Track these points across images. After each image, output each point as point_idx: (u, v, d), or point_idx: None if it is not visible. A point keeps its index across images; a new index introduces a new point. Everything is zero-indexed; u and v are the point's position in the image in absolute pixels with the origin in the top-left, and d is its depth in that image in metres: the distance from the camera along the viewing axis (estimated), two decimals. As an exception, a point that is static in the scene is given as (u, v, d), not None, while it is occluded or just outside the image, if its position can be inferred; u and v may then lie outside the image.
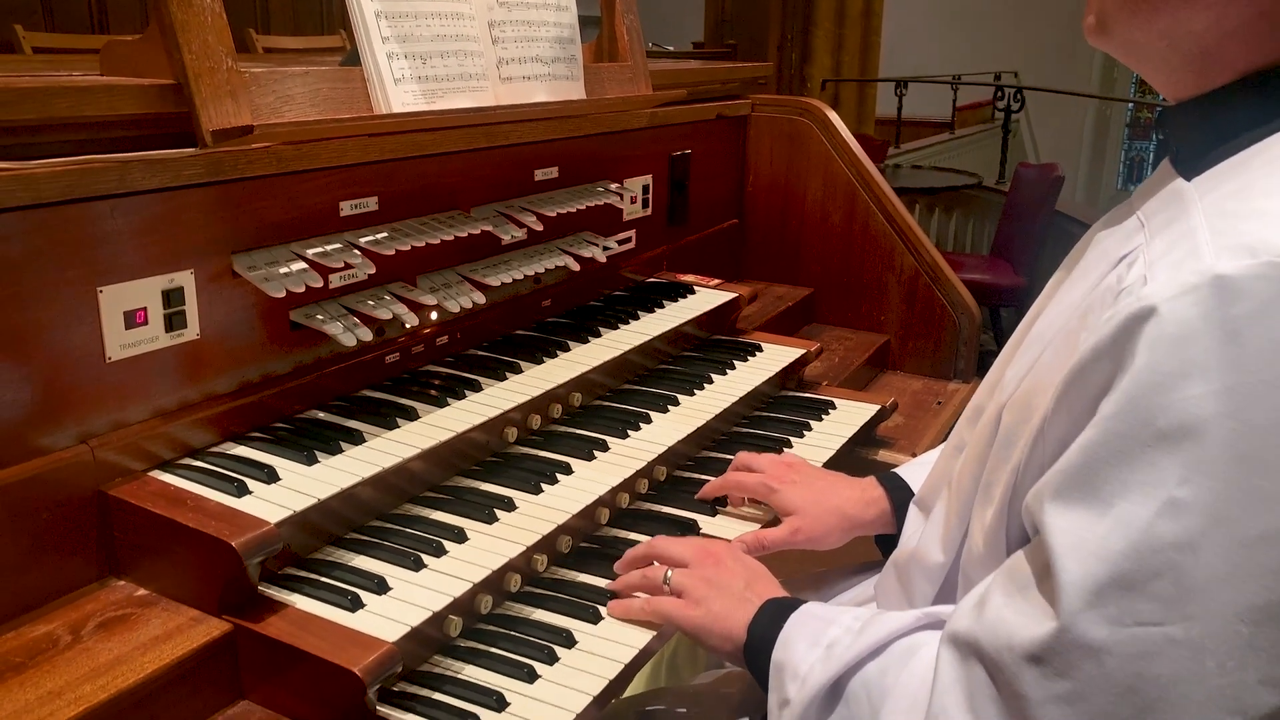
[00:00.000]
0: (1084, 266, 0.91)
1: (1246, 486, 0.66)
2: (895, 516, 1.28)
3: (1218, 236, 0.70)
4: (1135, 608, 0.68)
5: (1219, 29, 0.78)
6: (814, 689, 0.91)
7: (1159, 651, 0.67)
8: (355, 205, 1.31)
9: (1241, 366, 0.65)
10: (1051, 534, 0.73)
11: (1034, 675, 0.72)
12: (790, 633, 0.98)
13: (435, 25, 1.30)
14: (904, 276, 2.22)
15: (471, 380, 1.39)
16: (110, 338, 1.04)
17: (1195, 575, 0.67)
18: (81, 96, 0.97)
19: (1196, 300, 0.67)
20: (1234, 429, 0.66)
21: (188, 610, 1.00)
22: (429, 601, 1.03)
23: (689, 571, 1.11)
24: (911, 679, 0.86)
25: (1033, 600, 0.74)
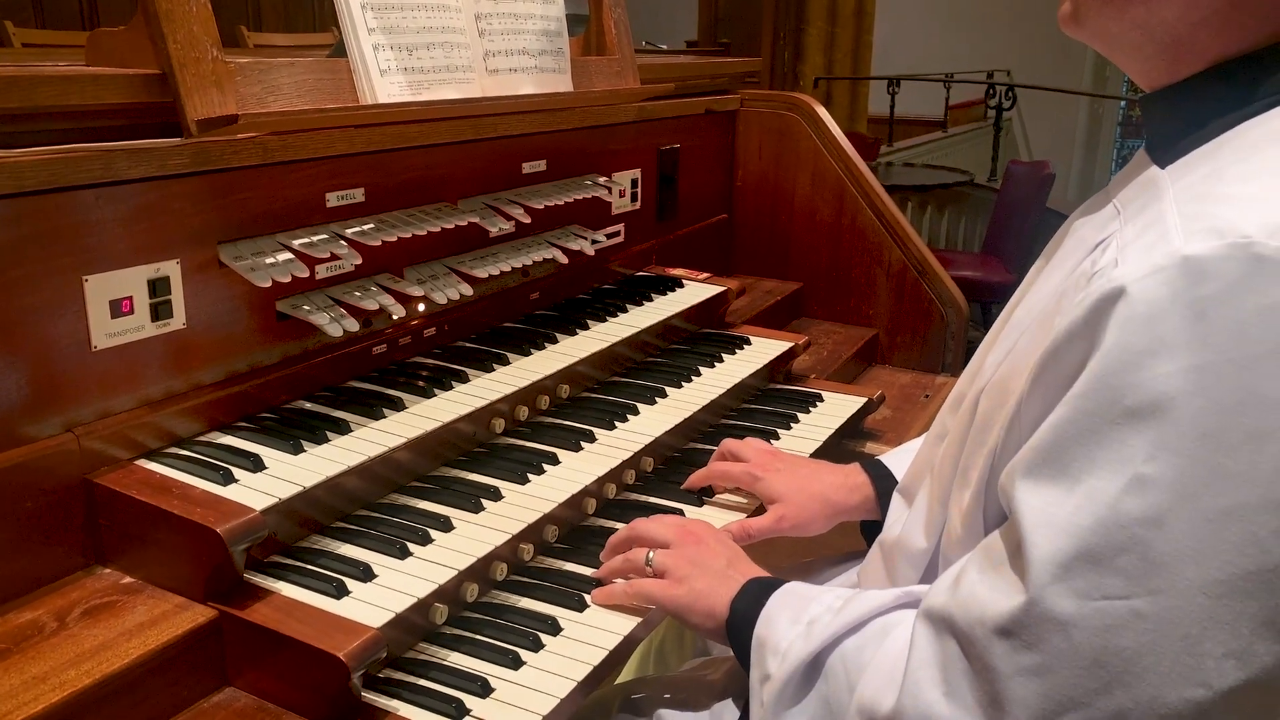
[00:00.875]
0: (1062, 254, 0.92)
1: (1211, 463, 0.67)
2: (879, 502, 1.29)
3: (1187, 220, 0.71)
4: (1102, 582, 0.69)
5: (1190, 18, 0.79)
6: (794, 664, 0.92)
7: (1125, 624, 0.68)
8: (342, 196, 1.31)
9: (1209, 345, 0.66)
10: (1022, 510, 0.74)
11: (1004, 648, 0.72)
12: (772, 610, 0.99)
13: (421, 17, 1.31)
14: (892, 271, 2.23)
15: (458, 371, 1.40)
16: (96, 327, 1.04)
17: (1160, 550, 0.68)
18: (66, 85, 0.98)
19: (1165, 280, 0.68)
20: (1200, 407, 0.67)
21: (173, 597, 1.01)
22: (414, 589, 1.04)
23: (671, 552, 1.12)
24: (888, 654, 0.87)
25: (1005, 575, 0.75)
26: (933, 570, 1.02)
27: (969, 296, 5.21)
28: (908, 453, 1.30)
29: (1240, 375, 0.66)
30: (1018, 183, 5.54)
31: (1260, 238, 0.66)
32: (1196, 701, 0.68)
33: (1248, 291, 0.66)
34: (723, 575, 1.08)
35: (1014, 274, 5.23)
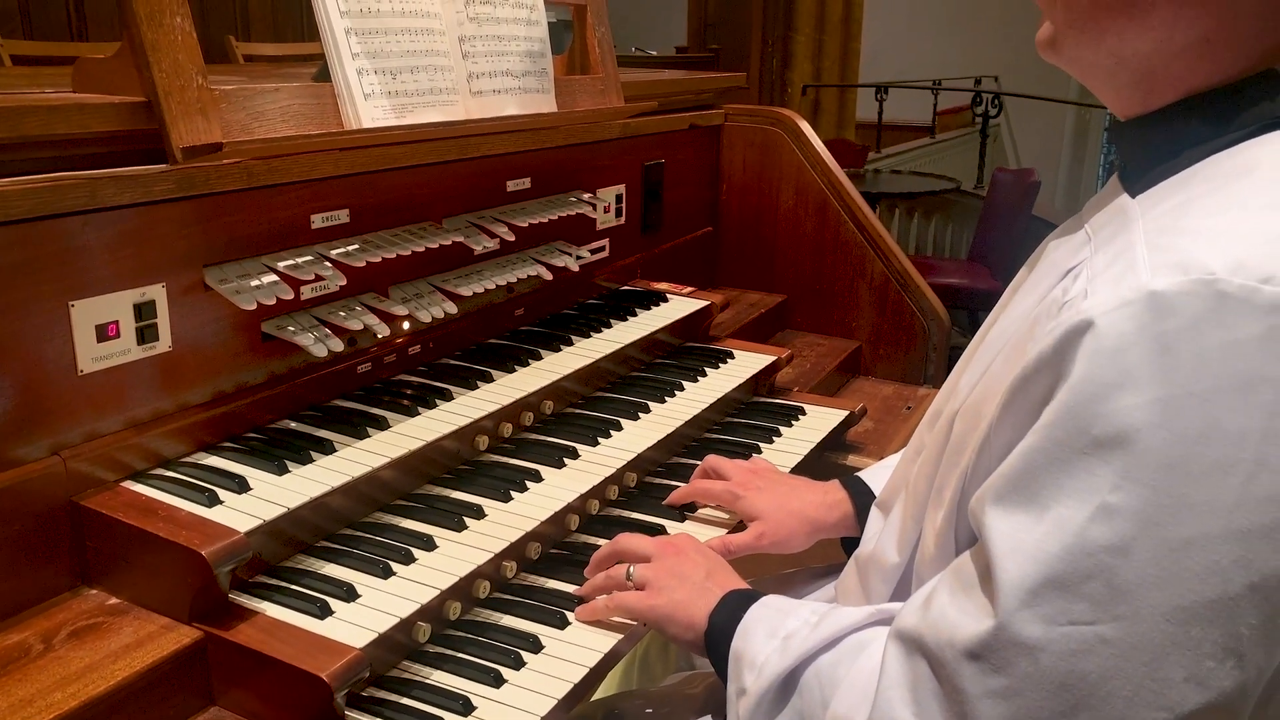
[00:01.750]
0: (1035, 277, 0.94)
1: (1175, 493, 0.68)
2: (858, 519, 1.31)
3: (1154, 253, 0.72)
4: (1069, 607, 0.71)
5: (1164, 50, 0.81)
6: (769, 679, 0.94)
7: (1090, 649, 0.70)
8: (326, 218, 1.33)
9: (1172, 379, 0.68)
10: (992, 536, 0.76)
11: (973, 671, 0.74)
12: (749, 623, 1.01)
13: (405, 41, 1.33)
14: (875, 283, 2.26)
15: (443, 389, 1.41)
16: (82, 351, 1.06)
17: (1125, 577, 0.69)
18: (52, 115, 0.99)
19: (1131, 315, 0.70)
20: (1164, 438, 0.68)
21: (159, 618, 1.02)
22: (397, 609, 1.05)
23: (651, 565, 1.14)
24: (861, 672, 0.89)
25: (974, 599, 0.77)
26: (905, 586, 1.04)
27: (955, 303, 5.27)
28: (886, 469, 1.32)
29: (1202, 408, 0.68)
30: (1004, 190, 5.58)
31: (1223, 274, 0.68)
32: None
33: (1211, 327, 0.68)
34: (702, 587, 1.10)
35: (1000, 281, 5.27)
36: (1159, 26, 0.80)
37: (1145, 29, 0.81)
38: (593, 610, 1.15)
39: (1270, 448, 0.67)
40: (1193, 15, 0.79)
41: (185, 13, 1.08)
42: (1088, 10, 0.84)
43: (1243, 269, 0.68)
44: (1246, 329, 0.67)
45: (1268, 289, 0.67)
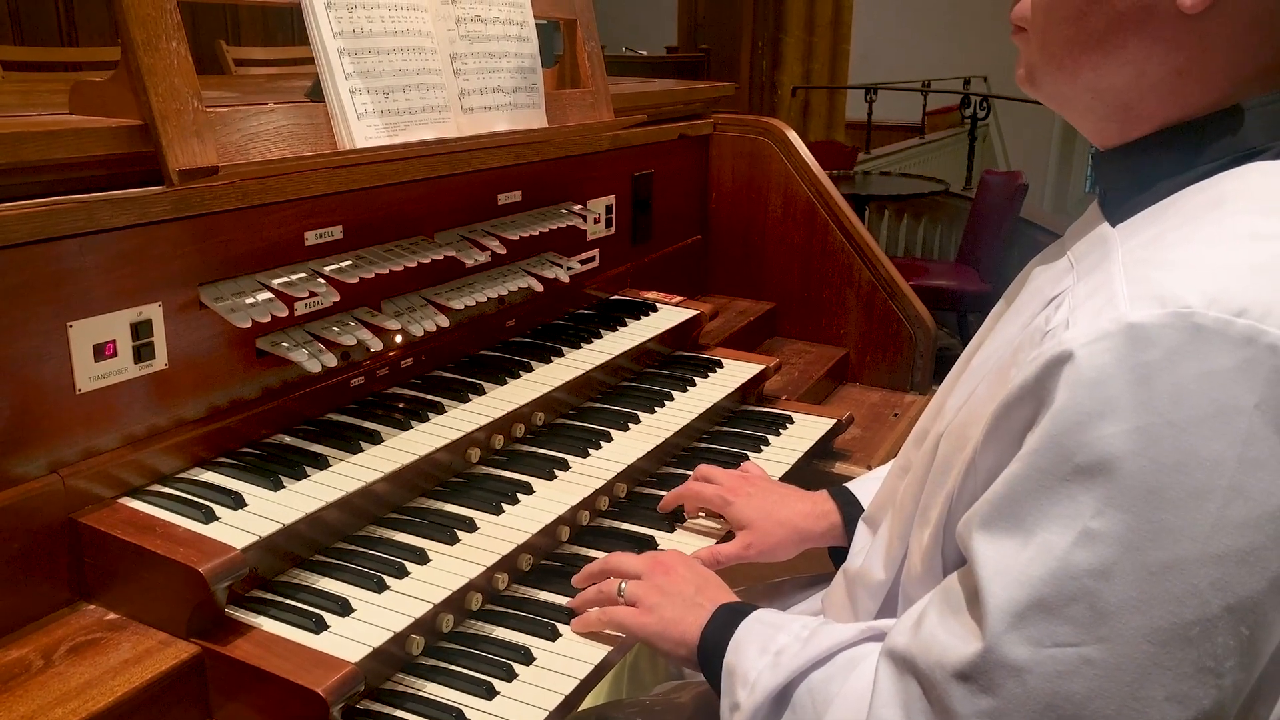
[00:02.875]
0: (1019, 304, 0.97)
1: (1154, 519, 0.71)
2: (845, 529, 1.33)
3: (1132, 285, 0.75)
4: (1054, 630, 0.73)
5: (1139, 85, 0.84)
6: (762, 695, 0.96)
7: (1075, 671, 0.73)
8: (320, 235, 1.34)
9: (1151, 408, 0.71)
10: (979, 560, 0.78)
11: (962, 692, 0.77)
12: (741, 638, 1.03)
13: (398, 60, 1.34)
14: (862, 291, 2.28)
15: (435, 403, 1.43)
16: (80, 370, 1.07)
17: (1108, 600, 0.72)
18: (51, 140, 1.01)
19: (1111, 346, 0.72)
20: (1143, 466, 0.71)
21: (157, 633, 1.04)
22: (390, 622, 1.07)
23: (642, 582, 1.16)
24: (853, 689, 0.91)
25: (963, 621, 0.79)
26: (891, 602, 1.06)
27: (942, 305, 5.30)
28: (875, 480, 1.35)
29: (1179, 437, 0.70)
30: (992, 193, 5.62)
31: (1199, 308, 0.71)
32: None
33: (1187, 358, 0.70)
34: (692, 603, 1.12)
35: (987, 283, 5.31)
36: (1132, 62, 0.83)
37: (1119, 64, 0.84)
38: (586, 622, 1.18)
39: (1245, 475, 0.70)
40: (1164, 50, 0.82)
41: (181, 37, 1.09)
42: (1063, 48, 0.87)
43: (1216, 303, 0.70)
44: (1221, 360, 0.70)
45: (1240, 322, 0.70)
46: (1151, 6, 0.81)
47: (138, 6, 1.06)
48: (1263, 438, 0.69)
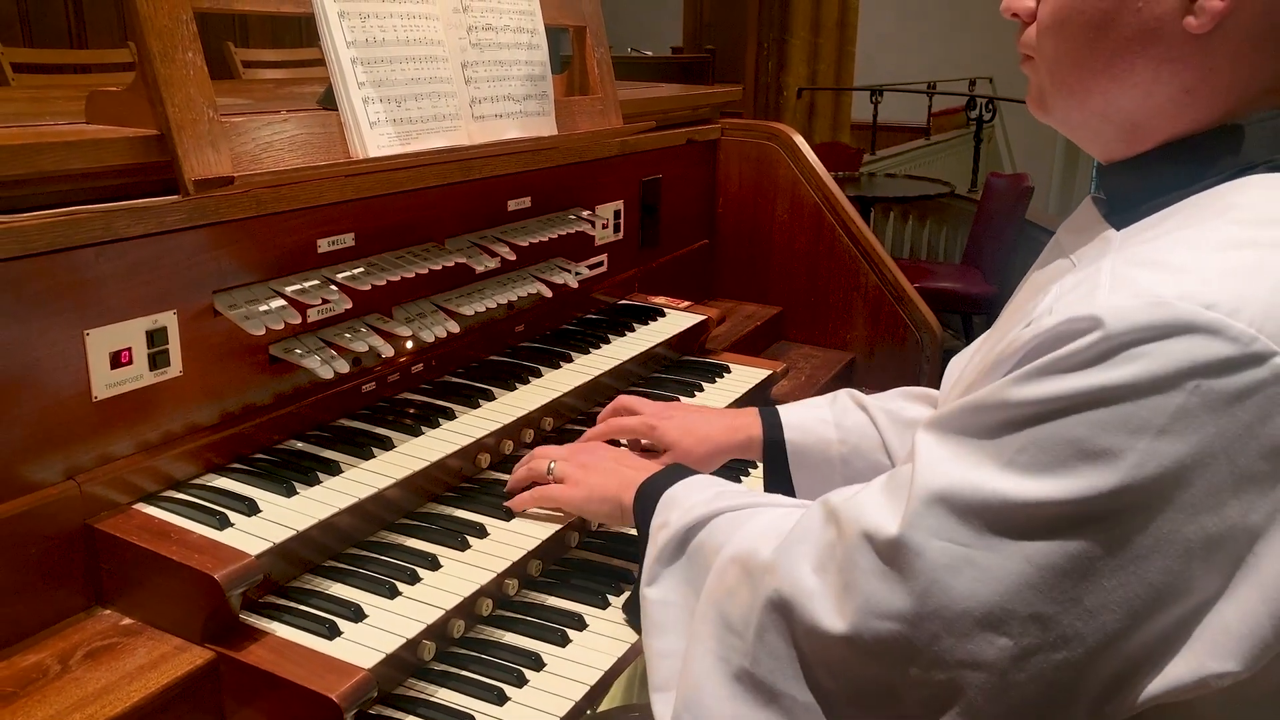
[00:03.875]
0: (1017, 302, 0.99)
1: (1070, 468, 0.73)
2: (765, 443, 1.41)
3: (1115, 280, 0.77)
4: (953, 528, 0.76)
5: (1147, 105, 0.87)
6: (692, 518, 1.04)
7: (958, 568, 0.76)
8: (332, 242, 1.35)
9: (1100, 371, 0.72)
10: (919, 450, 0.81)
11: (867, 550, 0.81)
12: (691, 481, 1.14)
13: (410, 69, 1.35)
14: (868, 296, 2.29)
15: (446, 408, 1.44)
16: (96, 378, 1.09)
17: (1007, 522, 0.75)
18: (69, 151, 1.02)
19: (1083, 328, 0.73)
20: (1077, 420, 0.73)
21: (172, 639, 1.05)
22: (403, 629, 1.08)
23: (568, 460, 1.30)
24: (774, 517, 0.98)
25: (893, 496, 0.82)
26: None
27: (948, 307, 5.30)
28: (805, 406, 1.45)
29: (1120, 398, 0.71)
30: (997, 195, 5.61)
31: (1171, 299, 0.72)
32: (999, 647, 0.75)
33: (1147, 334, 0.71)
34: (612, 471, 1.25)
35: (993, 285, 5.31)
36: (1141, 84, 0.85)
37: (1127, 87, 0.86)
38: (521, 502, 1.31)
39: (1159, 443, 0.70)
40: (1172, 70, 0.84)
41: (197, 48, 1.10)
42: (1072, 74, 0.89)
43: (1189, 296, 0.72)
44: (1179, 341, 0.70)
45: (1208, 314, 0.71)
46: (1158, 29, 0.83)
47: (155, 18, 1.07)
48: (1191, 413, 0.70)
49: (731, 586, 0.93)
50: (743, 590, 0.92)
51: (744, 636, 0.90)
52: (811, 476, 1.38)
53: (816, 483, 1.37)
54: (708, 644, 0.93)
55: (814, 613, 0.84)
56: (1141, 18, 0.83)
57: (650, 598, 1.04)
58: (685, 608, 1.01)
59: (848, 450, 1.37)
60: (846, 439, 1.38)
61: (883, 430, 1.38)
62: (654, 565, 1.05)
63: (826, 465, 1.38)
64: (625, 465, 1.26)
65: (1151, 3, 0.82)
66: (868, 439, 1.38)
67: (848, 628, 0.81)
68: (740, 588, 0.92)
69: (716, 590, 0.95)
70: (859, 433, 1.38)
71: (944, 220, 6.72)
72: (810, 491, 1.38)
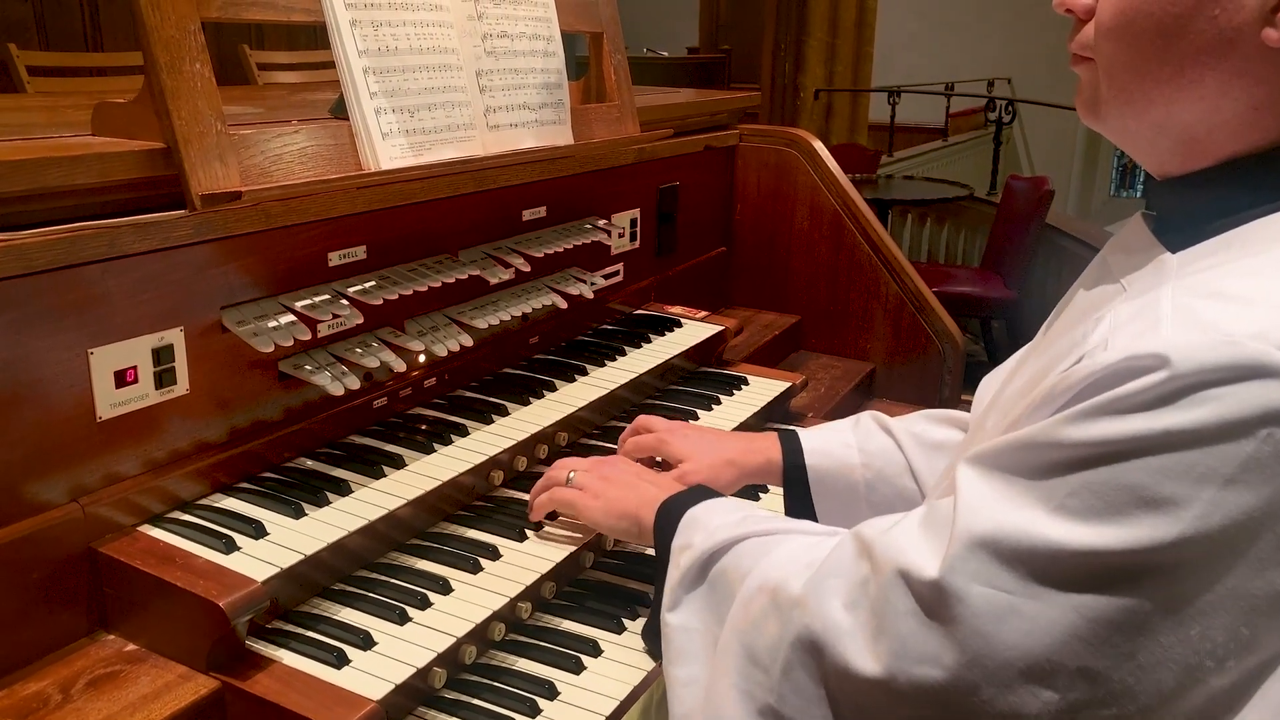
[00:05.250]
0: (1061, 325, 0.94)
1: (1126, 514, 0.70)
2: (785, 467, 1.36)
3: (1178, 313, 0.72)
4: (997, 574, 0.73)
5: (1211, 119, 0.81)
6: (715, 542, 1.01)
7: (1002, 617, 0.72)
8: (343, 255, 1.32)
9: (1163, 416, 0.68)
10: (963, 487, 0.78)
11: (903, 592, 0.78)
12: (715, 503, 1.10)
13: (423, 78, 1.32)
14: (889, 305, 2.25)
15: (458, 424, 1.41)
16: (100, 398, 1.06)
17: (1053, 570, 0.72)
18: (74, 166, 0.99)
19: (1145, 367, 0.70)
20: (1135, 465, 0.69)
21: (176, 667, 1.02)
22: (413, 657, 1.05)
23: (588, 470, 1.26)
24: (803, 545, 0.95)
25: (933, 534, 0.79)
26: None
27: (967, 312, 5.23)
28: (827, 430, 1.40)
29: (1183, 448, 0.68)
30: (1017, 198, 5.55)
31: (1243, 339, 0.68)
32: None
33: (1218, 378, 0.67)
34: (631, 485, 1.22)
35: (1013, 290, 5.25)
36: (1208, 97, 0.80)
37: (1193, 100, 0.80)
38: (539, 506, 1.29)
39: (1226, 493, 0.67)
40: (1244, 85, 0.78)
41: (205, 59, 1.08)
42: (1133, 81, 0.83)
43: (1263, 336, 0.67)
44: (1251, 387, 0.67)
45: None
46: (1234, 40, 0.77)
47: (161, 28, 1.05)
48: (1263, 463, 0.66)
49: (757, 618, 0.90)
50: (770, 623, 0.88)
51: (769, 672, 0.87)
52: (834, 503, 1.34)
53: (840, 509, 1.33)
54: (731, 677, 0.90)
55: (845, 652, 0.80)
56: (1218, 26, 0.77)
57: (672, 623, 1.01)
58: (708, 634, 0.98)
59: (872, 475, 1.33)
60: (870, 463, 1.33)
61: (908, 454, 1.33)
62: (676, 589, 1.02)
63: (850, 491, 1.33)
64: (646, 481, 1.23)
65: (1230, 10, 0.76)
66: (893, 463, 1.33)
67: (882, 671, 0.77)
68: (767, 620, 0.89)
69: (742, 621, 0.92)
70: (884, 457, 1.34)
71: (962, 223, 6.65)
72: (833, 518, 1.34)
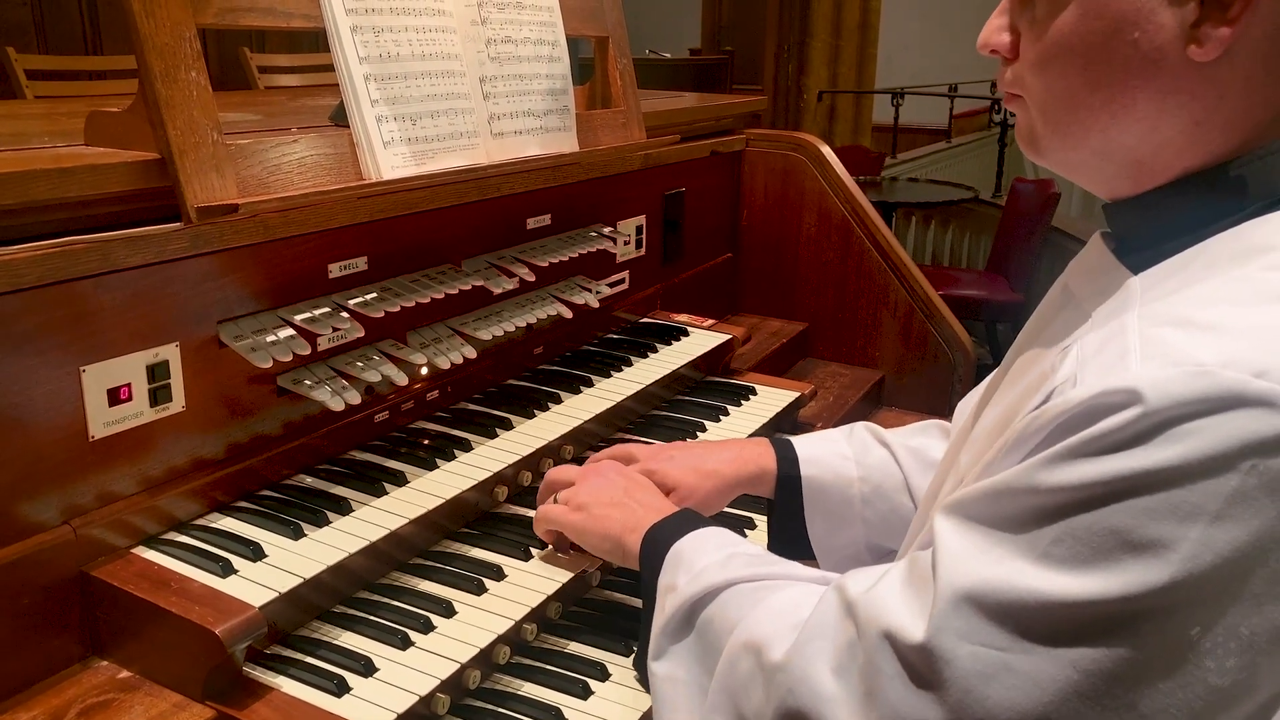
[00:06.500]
0: (1029, 354, 0.91)
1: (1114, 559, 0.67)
2: (779, 475, 1.31)
3: (1146, 343, 0.70)
4: (987, 631, 0.70)
5: (1152, 140, 0.79)
6: (700, 588, 0.96)
7: (995, 675, 0.69)
8: (344, 267, 1.29)
9: (1143, 455, 0.66)
10: (942, 543, 0.75)
11: (890, 656, 0.75)
12: (701, 536, 1.05)
13: (426, 85, 1.29)
14: (898, 313, 2.21)
15: (461, 439, 1.38)
16: (93, 417, 1.03)
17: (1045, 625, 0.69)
18: (64, 178, 0.96)
19: (1117, 403, 0.67)
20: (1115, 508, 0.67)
21: (171, 695, 0.99)
22: (416, 685, 1.02)
23: (575, 486, 1.22)
24: (792, 597, 0.90)
25: (915, 594, 0.76)
26: None
27: (973, 316, 5.19)
28: (820, 438, 1.35)
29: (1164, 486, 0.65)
30: (1023, 201, 5.51)
31: (1214, 367, 0.65)
32: None
33: (1190, 410, 0.65)
34: (620, 503, 1.16)
35: (1019, 293, 5.21)
36: (1144, 119, 0.78)
37: (1130, 123, 0.79)
38: (536, 527, 1.24)
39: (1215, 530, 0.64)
40: (1177, 103, 0.76)
41: (200, 67, 1.04)
42: (1066, 113, 0.81)
43: (1235, 363, 0.65)
44: (1228, 417, 0.64)
45: (1258, 382, 0.64)
46: (1159, 60, 0.75)
47: (155, 36, 1.01)
48: (1249, 496, 0.63)
49: (744, 680, 0.87)
50: (755, 687, 0.85)
51: None
52: (828, 518, 1.29)
53: (833, 525, 1.29)
54: None
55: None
56: (1140, 50, 0.75)
57: (658, 674, 0.98)
58: (696, 685, 0.95)
59: (869, 490, 1.28)
60: (868, 477, 1.29)
61: (906, 469, 1.29)
62: (661, 637, 0.98)
63: (845, 506, 1.29)
64: (634, 499, 1.17)
65: (1150, 33, 0.75)
66: (890, 478, 1.29)
67: None
68: (753, 684, 0.86)
69: (729, 678, 0.89)
70: (881, 471, 1.29)
71: (967, 225, 6.61)
72: (825, 533, 1.30)
